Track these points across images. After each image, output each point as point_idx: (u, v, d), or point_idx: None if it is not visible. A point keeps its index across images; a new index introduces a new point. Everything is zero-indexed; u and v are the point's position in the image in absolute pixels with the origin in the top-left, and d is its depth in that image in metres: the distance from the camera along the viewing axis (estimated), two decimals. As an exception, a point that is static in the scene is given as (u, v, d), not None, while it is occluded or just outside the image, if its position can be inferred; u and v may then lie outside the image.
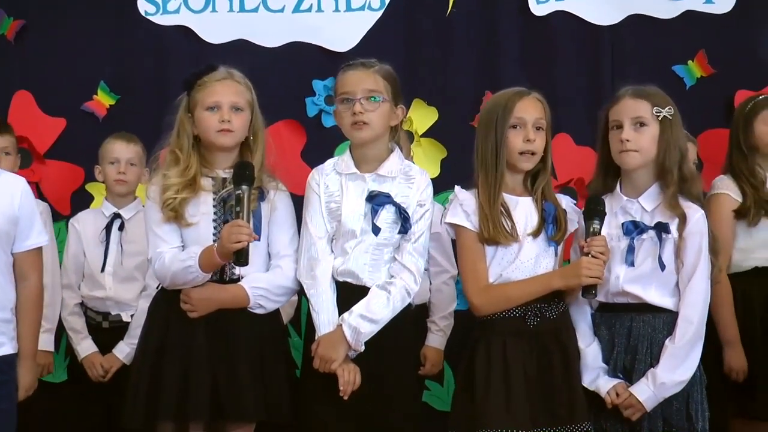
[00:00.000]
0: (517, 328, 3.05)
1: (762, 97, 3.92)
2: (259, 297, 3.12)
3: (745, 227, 3.75)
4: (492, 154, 3.07)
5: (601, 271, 3.03)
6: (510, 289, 3.06)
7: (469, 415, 3.01)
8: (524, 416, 2.98)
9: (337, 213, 3.10)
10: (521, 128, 3.08)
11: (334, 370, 3.00)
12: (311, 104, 4.31)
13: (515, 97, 3.11)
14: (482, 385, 3.00)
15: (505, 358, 3.02)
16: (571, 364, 3.07)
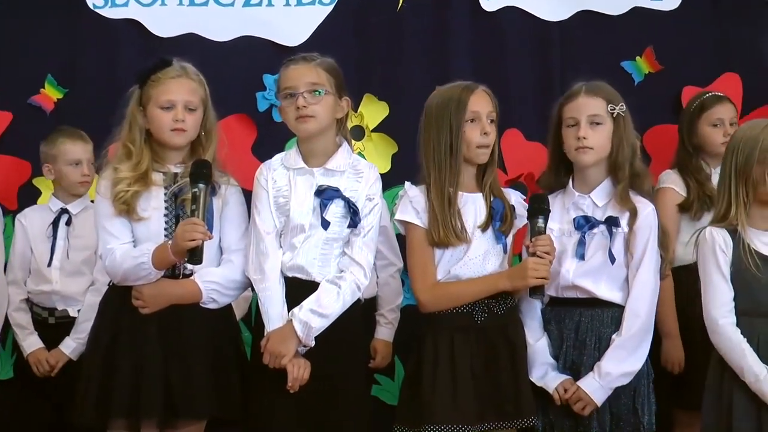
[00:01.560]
0: (465, 323, 3.06)
1: (707, 96, 3.98)
2: (211, 291, 3.11)
3: (688, 221, 3.81)
4: (447, 150, 3.08)
5: (547, 271, 3.04)
6: (457, 288, 3.08)
7: (415, 409, 3.03)
8: (470, 411, 3.00)
9: (286, 208, 3.09)
10: (477, 122, 3.10)
11: (284, 366, 2.99)
12: (262, 99, 4.29)
13: (467, 91, 3.13)
14: (429, 380, 3.02)
15: (452, 353, 3.04)
16: (518, 359, 3.09)
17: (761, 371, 2.98)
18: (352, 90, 3.99)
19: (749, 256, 3.02)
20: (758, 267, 3.01)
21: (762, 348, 3.02)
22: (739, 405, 3.02)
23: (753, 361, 3.00)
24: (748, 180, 3.04)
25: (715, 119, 3.90)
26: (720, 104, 3.93)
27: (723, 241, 3.06)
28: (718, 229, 3.08)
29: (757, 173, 3.03)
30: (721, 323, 3.05)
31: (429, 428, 2.99)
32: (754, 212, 3.08)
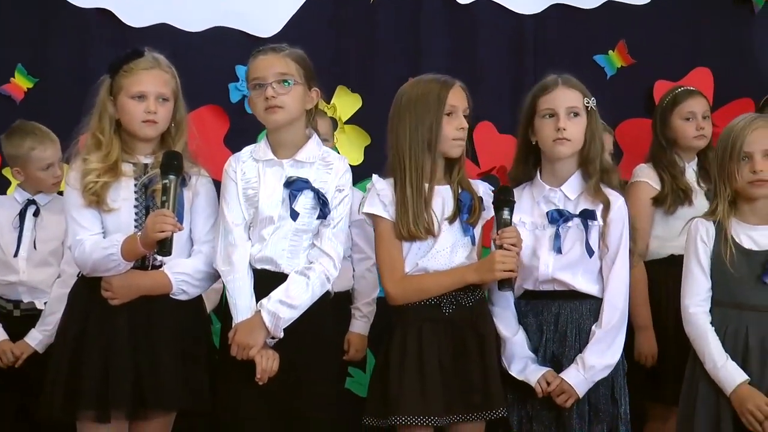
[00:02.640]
0: (433, 315, 3.06)
1: (680, 90, 3.99)
2: (181, 283, 3.09)
3: (662, 215, 3.82)
4: (423, 143, 3.07)
5: (514, 263, 3.04)
6: (425, 281, 3.08)
7: (383, 401, 3.02)
8: (438, 403, 3.00)
9: (255, 200, 3.08)
10: (454, 116, 3.10)
11: (252, 357, 2.98)
12: (234, 90, 4.28)
13: (446, 86, 3.11)
14: (396, 372, 3.02)
15: (419, 345, 3.03)
16: (487, 351, 3.09)
17: (720, 359, 3.02)
18: (325, 82, 3.99)
19: (728, 249, 3.05)
20: (733, 260, 3.04)
21: (729, 338, 3.06)
22: (703, 394, 3.07)
23: (715, 348, 3.04)
24: (726, 176, 3.07)
25: (687, 113, 3.91)
26: (692, 98, 3.94)
27: (706, 233, 3.10)
28: (705, 221, 3.12)
29: (731, 169, 3.07)
30: (692, 311, 3.09)
31: (395, 419, 2.99)
32: (743, 207, 3.12)
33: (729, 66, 4.42)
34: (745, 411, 2.99)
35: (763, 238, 3.08)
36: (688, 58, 4.41)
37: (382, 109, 4.07)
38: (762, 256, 3.06)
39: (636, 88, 4.39)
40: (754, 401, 2.98)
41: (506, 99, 4.26)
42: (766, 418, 2.98)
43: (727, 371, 3.01)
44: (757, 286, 3.05)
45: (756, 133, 3.07)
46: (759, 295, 3.05)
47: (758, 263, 3.05)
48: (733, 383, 3.00)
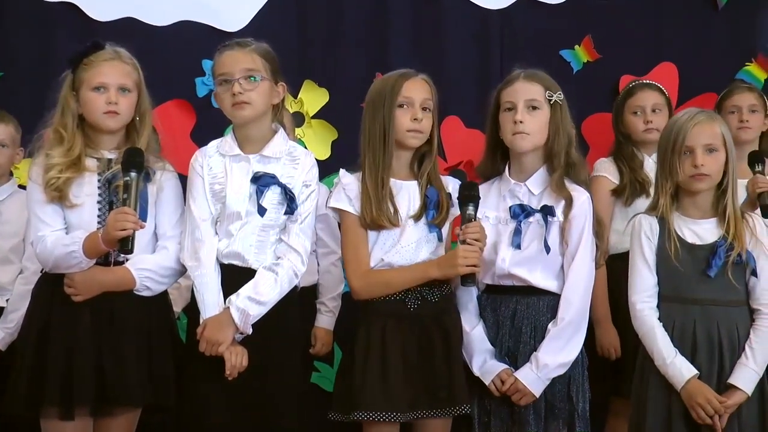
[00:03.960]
0: (398, 311, 3.06)
1: (633, 84, 4.02)
2: (145, 279, 3.08)
3: (621, 208, 3.84)
4: (380, 135, 3.08)
5: (477, 259, 3.03)
6: (389, 275, 3.07)
7: (347, 397, 3.02)
8: (402, 399, 3.00)
9: (222, 195, 3.07)
10: (408, 107, 3.10)
11: (221, 353, 2.97)
12: (201, 84, 4.26)
13: (402, 77, 3.12)
14: (360, 367, 3.02)
15: (383, 340, 3.03)
16: (452, 347, 3.09)
17: (669, 355, 3.04)
18: (292, 76, 3.99)
19: (672, 244, 3.07)
20: (678, 254, 3.07)
21: (677, 333, 3.08)
22: (653, 389, 3.09)
23: (664, 344, 3.06)
24: (668, 170, 3.10)
25: (635, 107, 3.93)
26: (642, 91, 3.96)
27: (650, 228, 3.12)
28: (648, 216, 3.15)
29: (673, 163, 3.09)
30: (638, 307, 3.12)
31: (358, 415, 2.99)
32: (685, 201, 3.14)
33: (694, 61, 4.45)
34: (696, 405, 3.01)
35: (705, 232, 3.11)
36: (653, 54, 4.44)
37: (349, 103, 4.11)
38: (706, 250, 3.09)
39: (602, 83, 4.41)
40: (704, 395, 3.00)
41: (473, 94, 4.26)
42: (716, 412, 3.00)
43: (676, 367, 3.03)
44: (702, 279, 3.07)
45: (697, 128, 3.09)
46: (704, 288, 3.08)
47: (702, 257, 3.08)
48: (683, 378, 3.03)
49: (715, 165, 3.09)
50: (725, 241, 3.08)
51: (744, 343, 3.07)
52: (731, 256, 3.06)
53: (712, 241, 3.10)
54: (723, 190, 3.11)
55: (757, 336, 3.07)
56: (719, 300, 3.08)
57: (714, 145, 3.09)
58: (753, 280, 3.10)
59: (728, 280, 3.06)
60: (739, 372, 3.04)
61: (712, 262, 3.06)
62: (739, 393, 3.03)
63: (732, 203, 3.11)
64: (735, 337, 3.07)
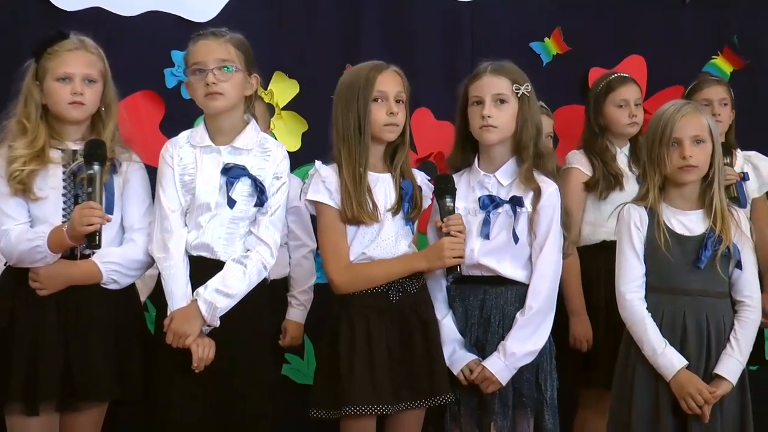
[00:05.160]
0: (379, 304, 3.06)
1: (613, 77, 4.02)
2: (112, 272, 3.05)
3: (594, 201, 3.86)
4: (355, 129, 3.06)
5: (462, 250, 3.07)
6: (373, 269, 3.07)
7: (333, 392, 3.01)
8: (388, 391, 3.00)
9: (192, 186, 3.05)
10: (383, 101, 3.09)
11: (188, 346, 2.96)
12: (170, 75, 4.22)
13: (375, 70, 3.11)
14: (346, 362, 3.00)
15: (368, 334, 3.03)
16: (431, 337, 3.10)
17: (659, 346, 3.06)
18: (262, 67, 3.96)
19: (661, 234, 3.09)
20: (668, 245, 3.09)
21: (666, 323, 3.09)
22: (641, 378, 3.10)
23: (653, 335, 3.07)
24: (656, 161, 3.11)
25: (620, 100, 3.94)
26: (625, 85, 3.97)
27: (639, 218, 3.14)
28: (637, 206, 3.16)
29: (661, 155, 3.11)
30: (628, 298, 3.12)
31: (348, 410, 2.97)
32: (672, 192, 3.16)
33: (661, 54, 4.48)
34: (686, 395, 3.03)
35: (693, 224, 3.13)
36: (621, 46, 4.46)
37: (320, 95, 4.10)
38: (695, 241, 3.11)
39: (571, 75, 4.42)
40: (694, 386, 3.02)
41: (443, 86, 4.26)
42: (706, 402, 3.02)
43: (667, 357, 3.05)
44: (691, 270, 3.09)
45: (685, 120, 3.11)
46: (693, 279, 3.10)
47: (692, 248, 3.10)
48: (673, 369, 3.04)
49: (703, 156, 3.11)
50: (713, 232, 3.09)
51: (728, 334, 3.09)
52: (719, 248, 3.08)
53: (700, 232, 3.11)
54: (709, 181, 3.13)
55: (741, 327, 3.10)
56: (708, 291, 3.10)
57: (701, 137, 3.11)
58: (737, 272, 3.13)
59: (716, 272, 3.09)
60: (724, 362, 3.07)
61: (701, 254, 3.08)
62: (726, 383, 3.06)
63: (719, 195, 3.13)
64: (722, 328, 3.10)
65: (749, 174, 3.97)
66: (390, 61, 3.20)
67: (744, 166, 4.02)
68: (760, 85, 4.55)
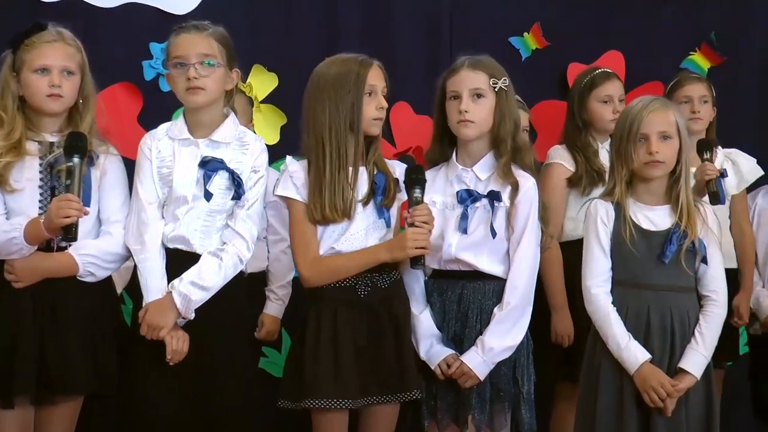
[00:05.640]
0: (348, 297, 3.05)
1: (597, 73, 4.03)
2: (88, 264, 3.04)
3: (577, 196, 3.87)
4: (346, 123, 3.04)
5: (426, 241, 3.04)
6: (338, 261, 3.06)
7: (297, 385, 3.01)
8: (353, 386, 3.00)
9: (169, 179, 3.04)
10: (374, 95, 3.09)
11: (163, 338, 2.95)
12: (148, 67, 4.21)
13: (365, 65, 3.10)
14: (311, 355, 3.01)
15: (334, 327, 3.02)
16: (402, 333, 3.10)
17: (623, 340, 3.08)
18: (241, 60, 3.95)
19: (627, 229, 3.10)
20: (634, 240, 3.10)
21: (630, 318, 3.11)
22: (606, 372, 3.12)
23: (618, 329, 3.09)
24: (623, 156, 3.13)
25: (604, 96, 3.95)
26: (609, 81, 3.99)
27: (605, 214, 3.15)
28: (603, 201, 3.18)
29: (628, 150, 3.12)
30: (593, 292, 3.14)
31: (309, 403, 2.98)
32: (639, 187, 3.17)
33: (640, 50, 4.50)
34: (648, 388, 3.05)
35: (659, 219, 3.15)
36: (600, 42, 4.48)
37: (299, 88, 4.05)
38: (660, 236, 3.12)
39: (550, 70, 4.43)
40: (657, 379, 3.04)
41: (422, 80, 4.25)
42: (668, 395, 3.05)
43: (631, 351, 3.07)
44: (657, 265, 3.11)
45: (653, 116, 3.12)
46: (658, 274, 3.11)
47: (657, 243, 3.12)
48: (636, 363, 3.06)
49: (670, 152, 3.12)
50: (679, 228, 3.11)
51: (693, 329, 3.11)
52: (684, 243, 3.10)
53: (666, 227, 3.13)
54: (676, 177, 3.15)
55: (706, 322, 3.12)
56: (672, 286, 3.12)
57: (668, 133, 3.12)
58: (703, 267, 3.15)
59: (681, 267, 3.10)
60: (689, 356, 3.09)
61: (666, 249, 3.10)
62: (689, 377, 3.08)
63: (685, 191, 3.15)
64: (686, 323, 3.12)
65: (729, 171, 3.99)
66: (369, 55, 3.19)
67: (724, 163, 4.04)
68: (738, 81, 4.59)
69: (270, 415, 3.54)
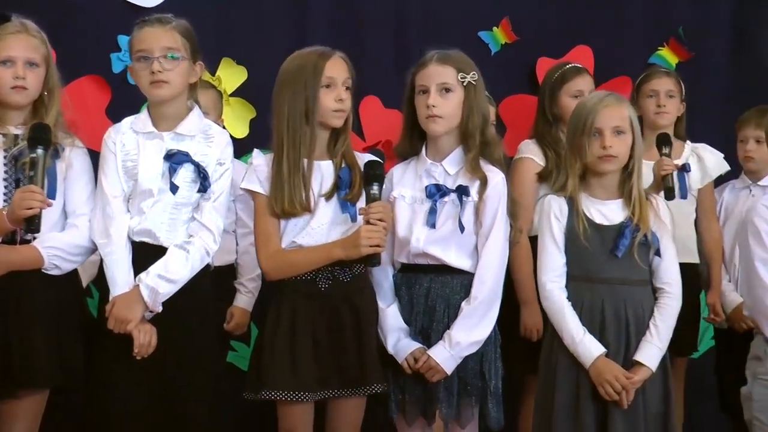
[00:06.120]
0: (308, 291, 3.05)
1: (567, 68, 4.04)
2: (53, 257, 3.03)
3: (547, 191, 3.86)
4: (302, 116, 3.05)
5: (382, 239, 3.02)
6: (295, 256, 3.06)
7: (257, 376, 3.02)
8: (311, 378, 3.00)
9: (134, 172, 3.03)
10: (332, 87, 3.08)
11: (130, 331, 2.94)
12: (116, 60, 4.18)
13: (324, 56, 3.10)
14: (268, 347, 3.01)
15: (293, 321, 3.03)
16: (364, 326, 3.09)
17: (578, 334, 3.10)
18: (210, 53, 3.94)
19: (581, 224, 3.13)
20: (587, 234, 3.12)
21: (585, 312, 3.13)
22: (563, 367, 3.14)
23: (573, 324, 3.11)
24: (576, 150, 3.15)
25: (575, 91, 3.96)
26: (580, 76, 4.00)
27: (558, 209, 3.17)
28: (556, 197, 3.20)
29: (582, 144, 3.14)
30: (548, 287, 3.16)
31: (266, 394, 2.99)
32: (592, 182, 3.19)
33: (609, 44, 4.52)
34: (603, 382, 3.07)
35: (612, 213, 3.17)
36: (569, 36, 4.49)
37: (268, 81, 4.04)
38: (613, 230, 3.15)
39: (519, 65, 4.45)
40: (612, 372, 3.06)
41: (392, 74, 4.26)
42: (623, 388, 3.07)
43: (585, 345, 3.09)
44: (610, 259, 3.13)
45: (607, 110, 3.14)
46: (611, 268, 3.14)
47: (610, 237, 3.14)
48: (591, 356, 3.08)
49: (623, 147, 3.15)
50: (631, 221, 3.14)
51: (648, 321, 3.14)
52: (637, 236, 3.12)
53: (618, 221, 3.16)
54: (629, 172, 3.17)
55: (660, 314, 3.14)
56: (626, 279, 3.14)
57: (622, 128, 3.15)
58: (656, 260, 3.18)
59: (634, 260, 3.13)
60: (644, 349, 3.11)
61: (619, 243, 3.13)
62: (645, 369, 3.10)
63: (637, 185, 3.17)
64: (641, 315, 3.14)
65: (693, 165, 4.02)
66: (339, 49, 3.19)
67: (690, 157, 4.07)
68: (705, 76, 4.62)
69: (238, 409, 3.54)
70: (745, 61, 4.66)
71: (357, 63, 3.22)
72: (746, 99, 4.36)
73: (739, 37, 4.68)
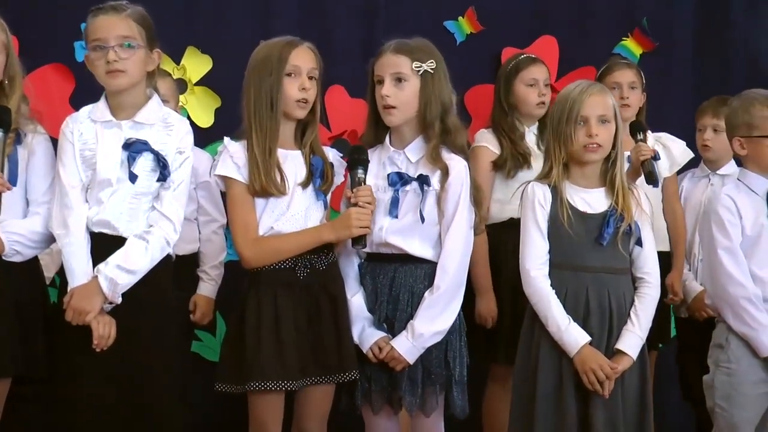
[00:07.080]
0: (287, 279, 3.05)
1: (522, 57, 4.06)
2: (14, 243, 3.01)
3: (502, 179, 3.89)
4: (267, 104, 3.05)
5: (369, 221, 3.06)
6: (281, 242, 3.06)
7: (238, 367, 3.00)
8: (294, 367, 3.00)
9: (92, 161, 3.00)
10: (296, 76, 3.08)
11: (89, 323, 2.92)
12: (80, 48, 4.14)
13: (290, 45, 3.10)
14: (253, 337, 3.00)
15: (275, 309, 3.02)
16: (340, 314, 3.10)
17: (563, 322, 3.10)
18: (175, 42, 3.92)
19: (564, 212, 3.13)
20: (571, 222, 3.13)
21: (569, 300, 3.14)
22: (544, 354, 3.13)
23: (557, 312, 3.11)
24: (561, 139, 3.15)
25: (530, 79, 3.98)
26: (534, 65, 4.02)
27: (542, 196, 3.17)
28: (540, 184, 3.19)
29: (567, 132, 3.15)
30: (532, 275, 3.16)
31: (252, 385, 2.98)
32: (574, 170, 3.20)
33: (573, 34, 4.53)
34: (588, 370, 3.07)
35: (595, 202, 3.18)
36: (535, 26, 4.50)
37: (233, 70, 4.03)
38: (597, 219, 3.16)
39: (484, 55, 4.44)
40: (596, 361, 3.07)
41: (357, 63, 4.21)
42: (607, 377, 3.08)
43: (571, 334, 3.09)
44: (594, 247, 3.14)
45: (592, 99, 3.15)
46: (595, 256, 3.14)
47: (594, 226, 3.15)
48: (577, 345, 3.09)
49: (608, 136, 3.16)
50: (615, 210, 3.15)
51: (629, 310, 3.16)
52: (621, 225, 3.14)
53: (602, 210, 3.17)
54: (612, 161, 3.19)
55: (641, 303, 3.17)
56: (610, 268, 3.16)
57: (607, 117, 3.16)
58: (637, 249, 3.20)
59: (617, 249, 3.14)
60: (625, 338, 3.13)
61: (604, 231, 3.13)
62: (627, 358, 3.12)
63: (620, 174, 3.19)
64: (623, 304, 3.16)
65: (661, 154, 4.04)
66: (305, 38, 3.18)
67: (655, 146, 4.09)
68: (669, 67, 4.64)
69: (204, 398, 3.54)
70: (709, 51, 4.69)
71: (323, 52, 3.21)
72: (709, 89, 4.38)
73: (703, 27, 4.70)
